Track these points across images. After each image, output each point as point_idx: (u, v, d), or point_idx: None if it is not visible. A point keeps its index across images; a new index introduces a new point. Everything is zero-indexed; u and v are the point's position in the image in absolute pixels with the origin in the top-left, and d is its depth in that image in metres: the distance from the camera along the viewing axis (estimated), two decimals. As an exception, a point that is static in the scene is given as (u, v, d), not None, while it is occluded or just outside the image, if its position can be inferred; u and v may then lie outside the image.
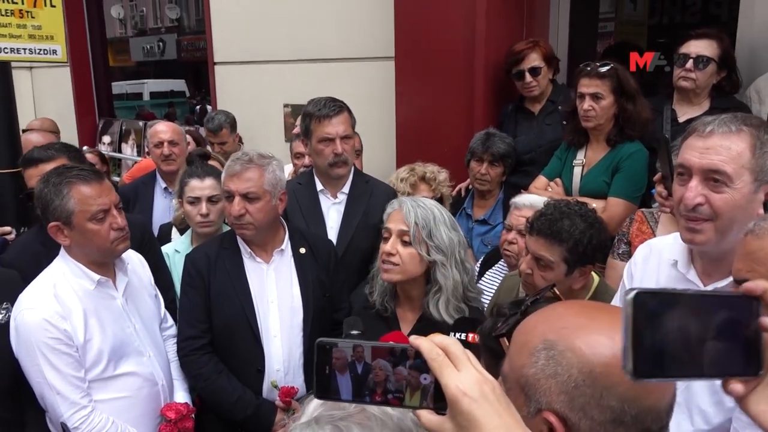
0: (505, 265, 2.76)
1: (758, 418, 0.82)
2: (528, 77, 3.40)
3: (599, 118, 2.90)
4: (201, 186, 2.88)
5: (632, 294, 0.75)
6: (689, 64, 2.93)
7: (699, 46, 2.93)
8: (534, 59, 3.39)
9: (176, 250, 3.02)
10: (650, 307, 0.75)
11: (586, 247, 2.05)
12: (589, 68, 2.91)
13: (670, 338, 0.76)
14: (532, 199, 2.66)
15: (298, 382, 2.48)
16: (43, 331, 2.06)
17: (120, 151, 6.62)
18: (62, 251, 2.24)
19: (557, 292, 1.78)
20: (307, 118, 2.90)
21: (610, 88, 2.85)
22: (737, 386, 0.81)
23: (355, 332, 2.06)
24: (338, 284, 2.64)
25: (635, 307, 0.74)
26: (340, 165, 2.89)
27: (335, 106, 2.87)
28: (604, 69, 2.86)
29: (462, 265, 2.17)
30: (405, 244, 2.12)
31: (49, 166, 2.42)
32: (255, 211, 2.39)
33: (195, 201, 2.89)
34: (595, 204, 2.54)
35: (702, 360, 0.78)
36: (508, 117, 3.61)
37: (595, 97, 2.88)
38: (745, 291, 0.81)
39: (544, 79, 3.43)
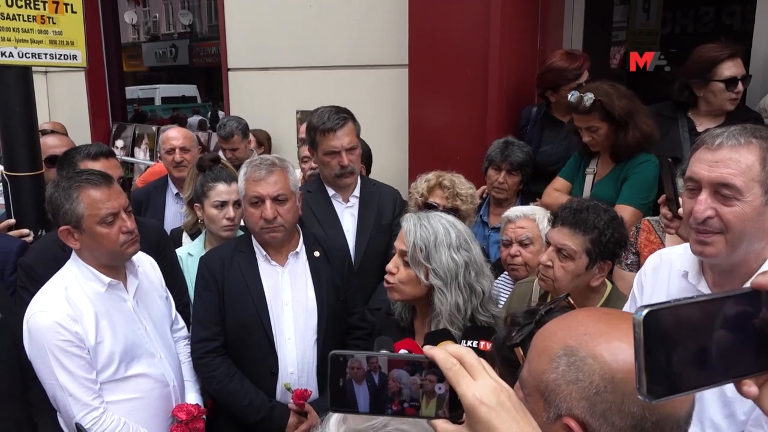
0: (509, 278, 2.78)
1: None
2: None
3: (600, 145, 2.95)
4: (228, 190, 2.91)
5: (642, 314, 0.71)
6: (740, 86, 2.89)
7: (739, 66, 2.90)
8: (586, 73, 3.32)
9: (189, 253, 3.03)
10: (661, 324, 0.72)
11: (609, 240, 2.09)
12: (574, 103, 2.90)
13: (683, 352, 0.74)
14: (524, 210, 2.71)
15: (311, 384, 2.48)
16: (54, 334, 2.09)
17: (133, 156, 6.68)
18: (73, 254, 2.27)
19: (571, 301, 1.78)
20: (312, 131, 2.92)
21: (600, 118, 2.86)
22: (752, 388, 0.77)
23: (384, 352, 2.05)
24: (351, 289, 2.66)
25: (646, 327, 0.71)
26: (347, 176, 2.94)
27: (339, 119, 2.87)
28: (588, 105, 2.84)
29: (469, 288, 2.04)
30: (405, 264, 2.07)
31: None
32: (285, 212, 2.43)
33: (222, 205, 2.91)
34: None
35: (716, 366, 0.75)
36: (534, 122, 3.56)
37: (590, 130, 2.91)
38: (756, 285, 0.77)
39: None
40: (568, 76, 3.31)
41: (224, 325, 2.50)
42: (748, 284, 0.80)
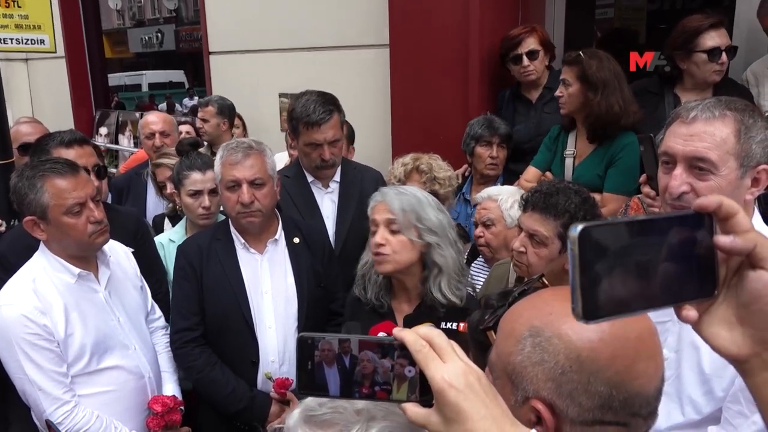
0: (482, 261, 2.78)
1: (710, 341, 0.78)
2: (525, 61, 3.34)
3: (568, 105, 2.91)
4: (203, 179, 2.85)
5: (577, 230, 0.67)
6: (724, 57, 2.83)
7: (723, 37, 2.84)
8: (531, 43, 3.34)
9: (171, 239, 2.99)
10: (597, 241, 0.68)
11: None
12: (567, 58, 2.92)
13: (621, 271, 0.70)
14: (489, 192, 2.71)
15: (293, 373, 2.45)
16: (21, 327, 2.03)
17: (117, 143, 6.61)
18: (41, 246, 2.21)
19: (546, 282, 1.76)
20: (295, 120, 2.82)
21: (576, 75, 2.84)
22: (691, 312, 0.76)
23: (356, 334, 2.02)
24: (332, 275, 2.62)
25: (581, 244, 0.67)
26: (328, 168, 2.88)
27: (324, 112, 2.76)
28: (572, 57, 2.86)
29: (455, 245, 2.15)
30: (394, 232, 2.09)
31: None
32: (262, 197, 2.38)
33: (197, 194, 2.85)
34: None
35: (655, 289, 0.72)
36: (506, 104, 3.56)
37: (564, 83, 2.89)
38: (698, 207, 0.74)
39: (540, 63, 3.38)
40: (505, 45, 3.39)
41: (204, 314, 2.46)
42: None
